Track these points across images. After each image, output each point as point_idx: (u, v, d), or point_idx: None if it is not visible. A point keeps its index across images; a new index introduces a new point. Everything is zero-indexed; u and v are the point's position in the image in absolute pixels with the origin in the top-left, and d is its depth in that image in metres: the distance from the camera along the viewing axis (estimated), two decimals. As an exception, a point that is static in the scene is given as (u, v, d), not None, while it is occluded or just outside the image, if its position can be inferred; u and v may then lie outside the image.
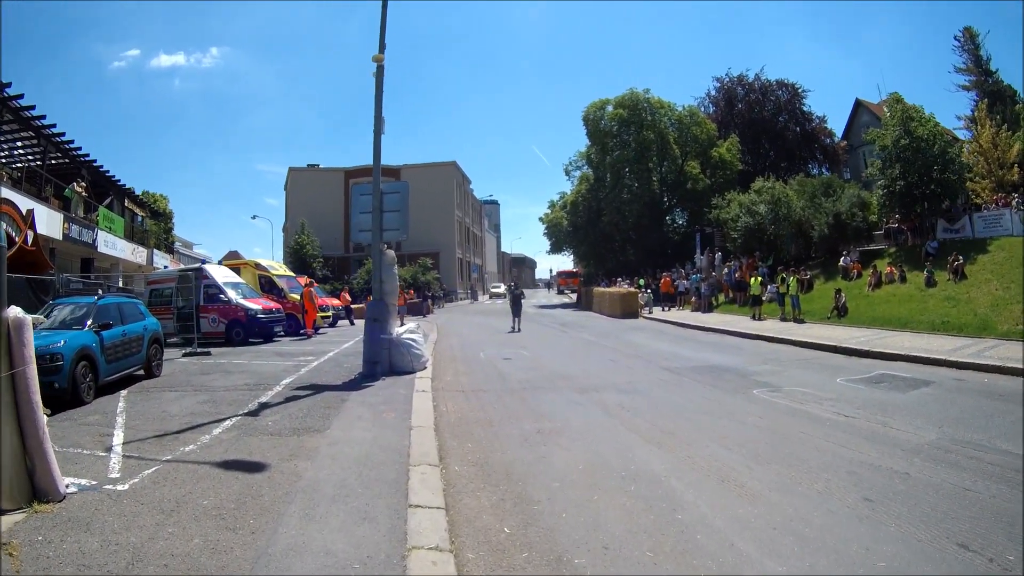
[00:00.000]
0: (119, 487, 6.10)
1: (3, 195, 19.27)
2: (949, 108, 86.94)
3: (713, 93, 50.04)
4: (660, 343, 19.27)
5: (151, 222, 36.76)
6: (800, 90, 47.03)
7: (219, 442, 7.76)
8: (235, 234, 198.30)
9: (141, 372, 13.17)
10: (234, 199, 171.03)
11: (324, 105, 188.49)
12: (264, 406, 9.97)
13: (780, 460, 6.81)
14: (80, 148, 26.55)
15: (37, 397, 5.88)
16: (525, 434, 8.18)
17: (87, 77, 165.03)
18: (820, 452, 7.05)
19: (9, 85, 20.35)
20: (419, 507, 5.30)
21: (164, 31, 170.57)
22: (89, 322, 11.45)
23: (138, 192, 37.47)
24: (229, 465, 6.72)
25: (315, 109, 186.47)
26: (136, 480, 6.30)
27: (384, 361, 13.25)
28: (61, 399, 9.97)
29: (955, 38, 30.00)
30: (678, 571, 4.32)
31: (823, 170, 44.48)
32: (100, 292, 18.53)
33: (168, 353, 17.54)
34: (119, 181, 31.31)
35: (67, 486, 5.98)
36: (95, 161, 28.22)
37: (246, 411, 9.58)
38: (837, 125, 50.12)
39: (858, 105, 50.35)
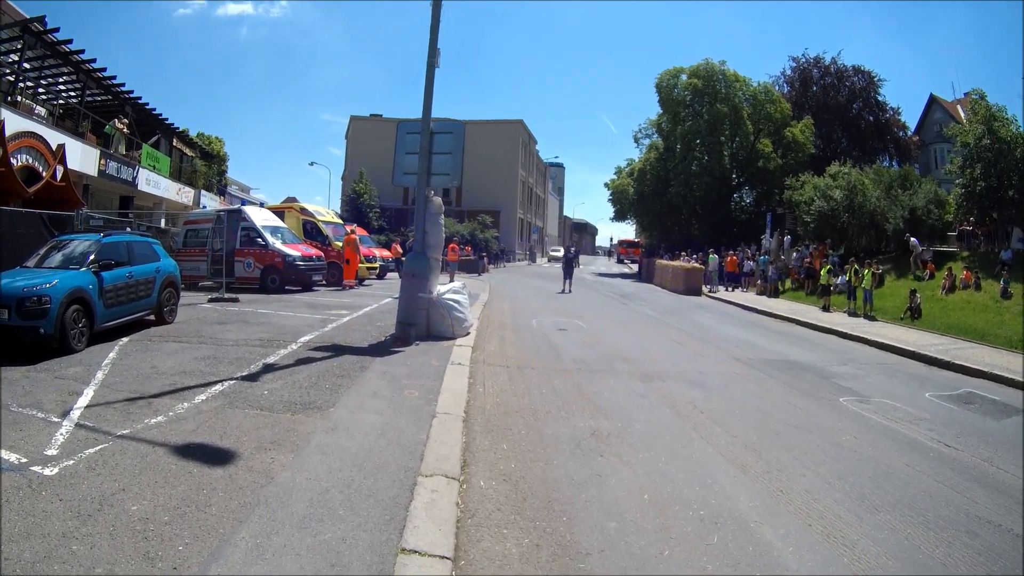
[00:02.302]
0: (47, 471, 4.78)
1: (30, 129, 18.42)
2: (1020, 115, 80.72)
3: (788, 72, 47.41)
4: (728, 327, 17.34)
5: (201, 163, 35.73)
6: (876, 78, 44.29)
7: (195, 414, 6.28)
8: (296, 181, 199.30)
9: (151, 318, 11.91)
10: (297, 147, 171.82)
11: (391, 60, 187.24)
12: (268, 368, 8.47)
13: (890, 507, 5.16)
14: (124, 84, 25.47)
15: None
16: (577, 436, 6.44)
17: (151, 23, 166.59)
18: (932, 498, 5.44)
19: (43, 18, 19.29)
20: (415, 553, 3.63)
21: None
22: (90, 261, 10.15)
23: (193, 134, 36.68)
24: (189, 451, 5.22)
25: (382, 63, 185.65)
26: (71, 462, 4.96)
27: (420, 323, 11.61)
28: (48, 346, 8.85)
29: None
30: None
31: (894, 163, 41.81)
32: (128, 229, 17.59)
33: (194, 297, 16.52)
34: (167, 120, 30.30)
35: (-10, 464, 4.78)
36: (140, 98, 27.12)
37: (245, 373, 8.10)
38: (906, 119, 46.97)
39: (932, 101, 47.01)
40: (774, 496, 5.21)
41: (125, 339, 10.34)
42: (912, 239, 24.48)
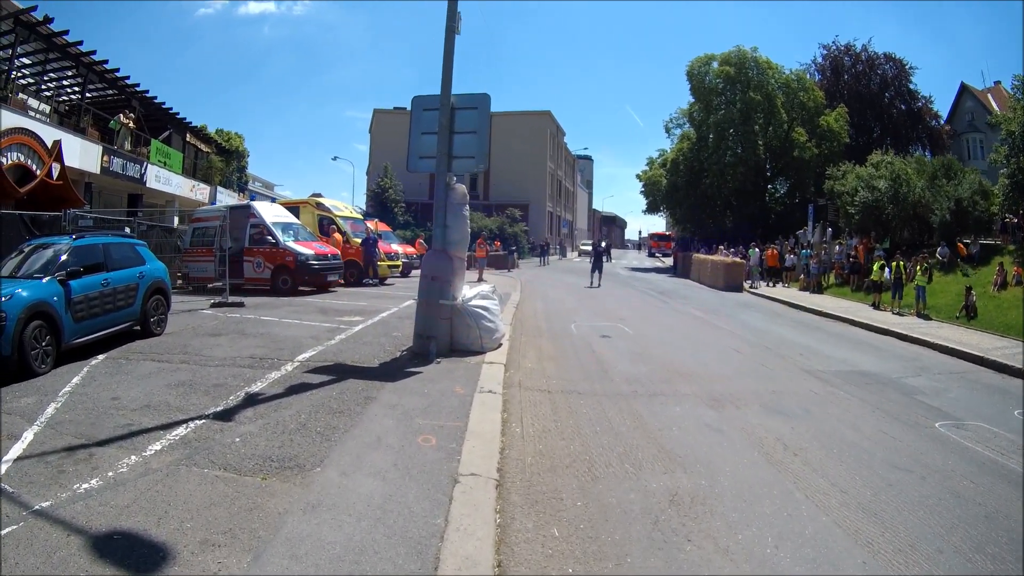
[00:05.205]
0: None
1: (22, 125, 17.22)
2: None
3: (820, 60, 45.91)
4: (782, 328, 15.72)
5: (216, 158, 34.27)
6: (908, 66, 42.75)
7: (140, 474, 4.77)
8: (321, 178, 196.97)
9: (138, 328, 10.51)
10: (322, 144, 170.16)
11: (414, 54, 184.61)
12: (251, 401, 6.90)
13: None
14: (128, 78, 24.18)
15: None
16: (652, 507, 4.73)
17: (172, 24, 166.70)
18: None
19: (35, 7, 18.04)
20: None
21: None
22: (56, 268, 8.81)
23: (212, 131, 35.55)
24: (110, 547, 3.72)
25: (405, 58, 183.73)
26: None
27: (443, 336, 9.85)
28: (6, 369, 7.56)
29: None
30: None
31: (926, 153, 39.93)
32: (127, 229, 16.33)
33: (199, 302, 15.28)
34: (178, 115, 28.99)
35: None
36: (147, 92, 25.84)
37: (220, 409, 6.55)
38: (937, 108, 45.34)
39: (963, 90, 45.00)
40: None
41: (101, 356, 9.01)
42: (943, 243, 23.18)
